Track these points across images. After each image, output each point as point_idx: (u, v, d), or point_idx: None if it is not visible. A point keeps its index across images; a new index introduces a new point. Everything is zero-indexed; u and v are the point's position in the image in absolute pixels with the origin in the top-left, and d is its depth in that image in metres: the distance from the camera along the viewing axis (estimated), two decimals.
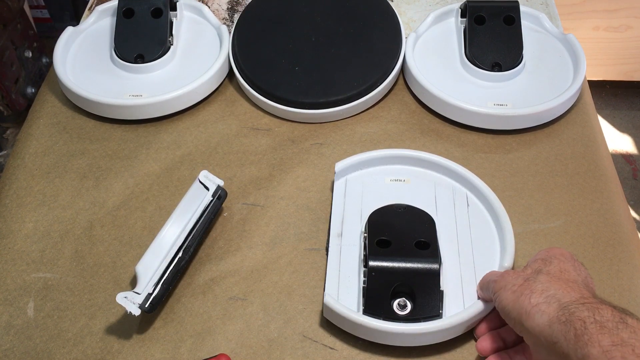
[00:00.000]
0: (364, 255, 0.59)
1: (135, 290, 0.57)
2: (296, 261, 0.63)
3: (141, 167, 0.72)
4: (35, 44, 1.51)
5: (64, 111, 0.79)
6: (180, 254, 0.60)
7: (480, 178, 0.66)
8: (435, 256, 0.57)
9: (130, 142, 0.75)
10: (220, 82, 0.80)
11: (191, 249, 0.61)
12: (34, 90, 1.48)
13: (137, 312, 0.56)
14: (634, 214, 1.58)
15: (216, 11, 0.89)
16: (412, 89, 0.79)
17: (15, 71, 1.43)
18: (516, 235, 0.62)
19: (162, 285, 0.58)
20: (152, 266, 0.59)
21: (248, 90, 0.78)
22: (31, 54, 1.49)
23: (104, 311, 0.60)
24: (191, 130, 0.76)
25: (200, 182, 0.64)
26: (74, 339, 0.59)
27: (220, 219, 0.67)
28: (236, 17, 0.89)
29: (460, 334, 0.57)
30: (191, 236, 0.61)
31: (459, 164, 0.68)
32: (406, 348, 0.56)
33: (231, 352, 0.57)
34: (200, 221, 0.62)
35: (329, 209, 0.67)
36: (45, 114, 0.79)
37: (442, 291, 0.56)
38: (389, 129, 0.76)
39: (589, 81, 0.82)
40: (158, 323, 0.59)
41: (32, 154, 0.74)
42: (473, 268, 0.60)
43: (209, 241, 0.65)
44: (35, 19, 1.72)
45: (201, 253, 0.65)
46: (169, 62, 0.81)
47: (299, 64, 0.78)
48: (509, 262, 0.59)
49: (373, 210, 0.62)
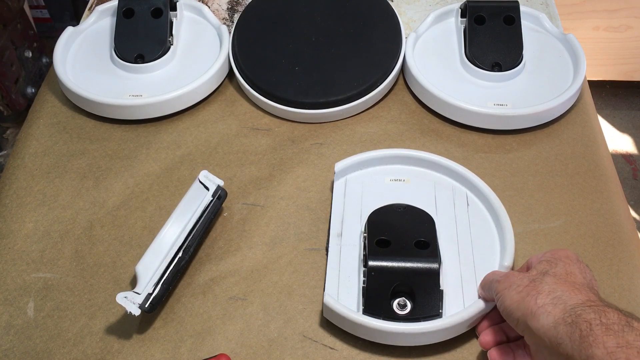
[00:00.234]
0: (364, 255, 0.59)
1: (135, 290, 0.57)
2: (296, 261, 0.63)
3: (141, 167, 0.72)
4: (35, 44, 1.51)
5: (64, 111, 0.79)
6: (180, 254, 0.60)
7: (480, 178, 0.66)
8: (435, 256, 0.57)
9: (130, 142, 0.75)
10: (220, 82, 0.80)
11: (191, 249, 0.61)
12: (34, 90, 1.48)
13: (137, 312, 0.56)
14: (634, 214, 1.58)
15: (216, 11, 0.89)
16: (412, 89, 0.79)
17: (15, 71, 1.43)
18: (516, 235, 0.62)
19: (162, 285, 0.58)
20: (152, 266, 0.59)
21: (248, 90, 0.78)
22: (31, 54, 1.49)
23: (104, 311, 0.60)
24: (191, 130, 0.76)
25: (200, 182, 0.64)
26: (74, 339, 0.59)
27: (220, 219, 0.67)
28: (236, 17, 0.89)
29: (460, 333, 0.57)
30: (191, 236, 0.61)
31: (459, 163, 0.68)
32: (406, 348, 0.57)
33: (231, 352, 0.57)
34: (200, 221, 0.62)
35: (329, 209, 0.67)
36: (45, 114, 0.79)
37: (442, 291, 0.56)
38: (389, 129, 0.76)
39: (589, 81, 0.82)
40: (158, 323, 0.59)
41: (32, 154, 0.74)
42: (473, 268, 0.60)
43: (209, 241, 0.66)
44: (35, 19, 1.72)
45: (201, 253, 0.65)
46: (169, 62, 0.81)
47: (299, 64, 0.78)
48: (509, 262, 0.59)
49: (373, 210, 0.62)
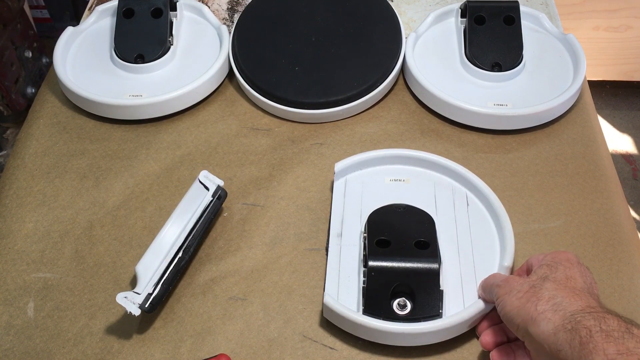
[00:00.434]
0: (364, 255, 0.59)
1: (135, 290, 0.57)
2: (296, 261, 0.63)
3: (141, 167, 0.72)
4: (35, 44, 1.51)
5: (64, 111, 0.79)
6: (180, 254, 0.60)
7: (480, 178, 0.66)
8: (435, 256, 0.57)
9: (130, 142, 0.75)
10: (220, 82, 0.80)
11: (191, 249, 0.61)
12: (34, 90, 1.48)
13: (137, 312, 0.56)
14: (634, 214, 1.58)
15: (216, 11, 0.89)
16: (412, 89, 0.79)
17: (15, 71, 1.43)
18: (516, 235, 0.62)
19: (162, 285, 0.58)
20: (152, 266, 0.59)
21: (248, 90, 0.78)
22: (31, 54, 1.49)
23: (104, 311, 0.60)
24: (191, 130, 0.76)
25: (200, 182, 0.64)
26: (74, 339, 0.59)
27: (220, 219, 0.67)
28: (236, 17, 0.89)
29: (460, 333, 0.57)
30: (191, 236, 0.61)
31: (459, 164, 0.68)
32: (406, 348, 0.56)
33: (231, 352, 0.57)
34: (200, 221, 0.62)
35: (328, 209, 0.67)
36: (45, 114, 0.79)
37: (441, 291, 0.56)
38: (389, 129, 0.76)
39: (589, 81, 0.82)
40: (158, 323, 0.59)
41: (32, 154, 0.74)
42: (473, 268, 0.60)
43: (209, 241, 0.65)
44: (35, 19, 1.72)
45: (201, 253, 0.65)
46: (169, 62, 0.81)
47: (299, 64, 0.78)
48: (509, 262, 0.59)
49: (373, 210, 0.62)
